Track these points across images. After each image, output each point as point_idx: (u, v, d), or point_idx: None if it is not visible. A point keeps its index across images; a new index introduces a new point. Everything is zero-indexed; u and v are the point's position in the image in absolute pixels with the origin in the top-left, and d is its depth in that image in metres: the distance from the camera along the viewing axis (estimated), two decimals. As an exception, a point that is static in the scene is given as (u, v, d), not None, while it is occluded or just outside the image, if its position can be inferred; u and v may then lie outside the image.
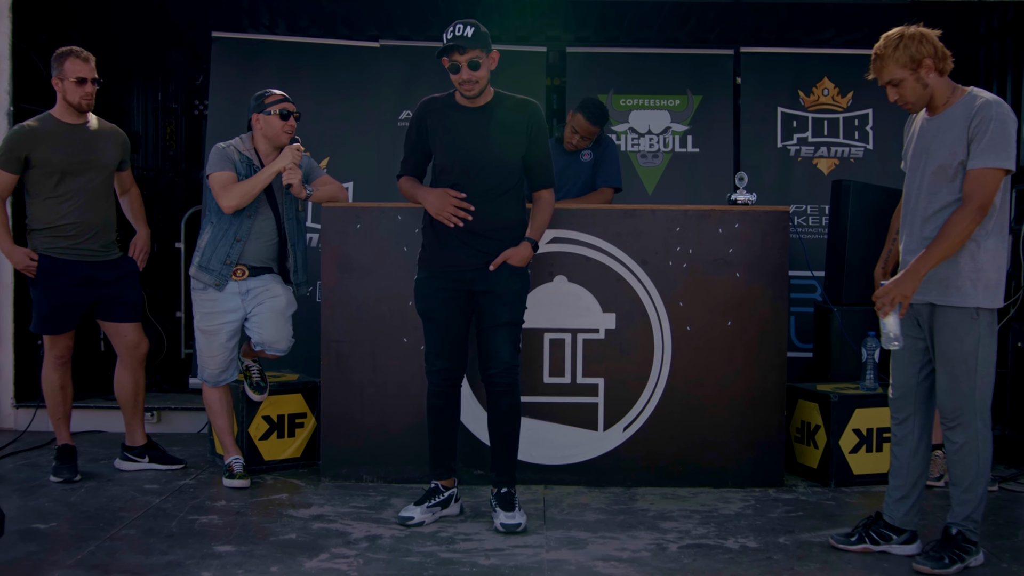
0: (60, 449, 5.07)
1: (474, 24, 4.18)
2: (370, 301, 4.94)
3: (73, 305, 4.94)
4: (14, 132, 4.89)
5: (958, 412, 3.77)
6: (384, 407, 4.96)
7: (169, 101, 8.03)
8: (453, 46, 4.13)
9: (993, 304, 3.75)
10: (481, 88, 4.24)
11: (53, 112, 4.93)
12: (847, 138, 6.81)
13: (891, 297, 3.72)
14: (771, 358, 4.94)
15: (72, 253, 4.90)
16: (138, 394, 5.20)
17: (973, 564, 3.80)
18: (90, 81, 4.89)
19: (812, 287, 6.31)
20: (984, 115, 3.66)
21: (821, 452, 5.09)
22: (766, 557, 3.94)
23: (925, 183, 3.82)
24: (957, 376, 3.75)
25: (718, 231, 4.92)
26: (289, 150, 4.79)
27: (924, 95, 3.80)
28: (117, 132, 5.15)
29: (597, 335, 4.93)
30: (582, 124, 5.47)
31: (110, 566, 3.74)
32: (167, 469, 5.22)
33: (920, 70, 3.75)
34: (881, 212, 5.37)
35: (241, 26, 7.27)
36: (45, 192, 4.86)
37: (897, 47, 3.74)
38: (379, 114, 6.73)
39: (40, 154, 4.81)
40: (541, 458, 4.95)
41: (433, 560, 3.85)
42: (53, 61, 4.90)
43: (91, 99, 4.93)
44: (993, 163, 3.63)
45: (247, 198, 4.72)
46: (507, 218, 4.32)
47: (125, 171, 5.19)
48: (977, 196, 3.65)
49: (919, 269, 3.69)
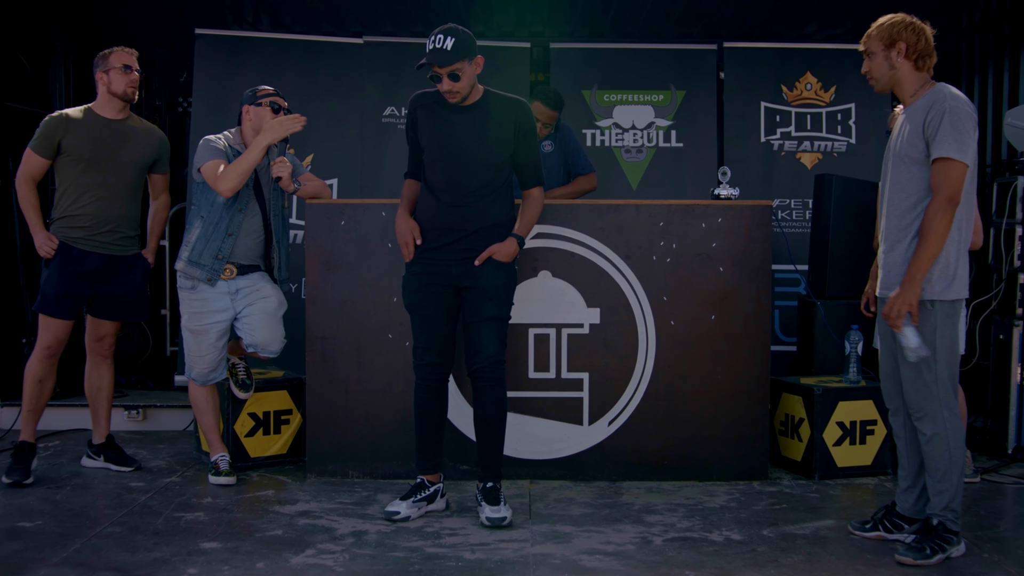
0: (18, 446, 4.96)
1: (455, 33, 4.12)
2: (355, 297, 4.95)
3: (77, 295, 4.92)
4: (51, 118, 4.92)
5: (923, 404, 3.81)
6: (369, 403, 4.97)
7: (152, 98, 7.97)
8: (432, 61, 4.12)
9: (949, 296, 3.77)
10: (464, 96, 4.23)
11: (92, 106, 4.98)
12: (830, 132, 6.84)
13: (898, 310, 3.72)
14: (755, 352, 4.96)
15: (87, 244, 4.90)
16: (102, 390, 5.16)
17: (955, 554, 3.82)
18: (135, 71, 4.95)
19: (796, 281, 6.34)
20: (939, 108, 3.70)
21: (805, 445, 5.12)
22: (750, 549, 3.96)
23: (890, 173, 3.91)
24: (918, 368, 3.78)
25: (701, 225, 4.94)
26: (275, 122, 4.70)
27: (889, 76, 3.89)
28: (154, 131, 5.17)
29: (581, 330, 4.95)
30: (541, 110, 5.50)
31: (95, 564, 3.73)
32: (117, 470, 5.13)
33: (892, 50, 3.84)
34: (864, 206, 5.42)
35: (225, 23, 7.26)
36: (69, 180, 4.90)
37: (885, 23, 3.88)
38: (363, 111, 6.73)
39: (71, 141, 4.85)
40: (526, 453, 4.97)
41: (419, 555, 3.86)
42: (98, 60, 4.97)
43: (136, 87, 4.98)
44: (949, 153, 3.66)
45: (243, 177, 4.65)
46: (494, 216, 4.32)
47: (159, 174, 5.19)
48: (943, 187, 3.68)
49: (915, 275, 3.70)
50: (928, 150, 3.73)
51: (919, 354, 3.71)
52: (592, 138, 6.85)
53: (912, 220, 3.80)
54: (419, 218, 4.38)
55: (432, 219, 4.32)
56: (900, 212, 3.85)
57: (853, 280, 5.55)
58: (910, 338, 3.71)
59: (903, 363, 3.84)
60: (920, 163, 3.77)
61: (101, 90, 4.97)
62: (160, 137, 5.18)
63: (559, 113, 5.62)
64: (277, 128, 4.70)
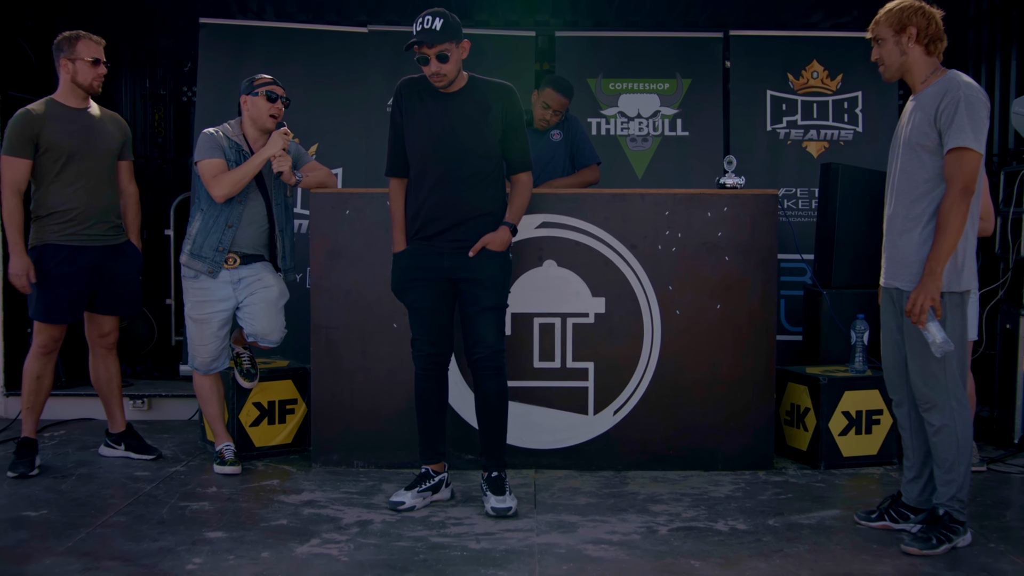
0: (20, 442, 4.97)
1: (443, 15, 4.14)
2: (360, 287, 4.94)
3: (80, 293, 4.88)
4: (19, 116, 4.78)
5: (931, 395, 3.79)
6: (374, 393, 4.97)
7: (157, 88, 7.98)
8: (421, 40, 4.11)
9: (957, 287, 3.75)
10: (451, 79, 4.21)
11: (55, 96, 4.89)
12: (836, 121, 6.81)
13: (921, 305, 3.68)
14: (760, 341, 4.95)
15: (79, 239, 4.86)
16: (111, 380, 5.18)
17: (961, 544, 3.81)
18: (102, 63, 4.89)
19: (802, 270, 6.32)
20: (953, 96, 3.67)
21: (811, 435, 5.11)
22: (756, 539, 3.95)
23: (899, 160, 3.87)
24: (927, 359, 3.76)
25: (707, 215, 4.93)
26: (278, 135, 4.79)
27: (900, 62, 3.85)
28: (117, 118, 5.14)
29: (587, 319, 4.94)
30: (553, 97, 5.50)
31: (101, 553, 3.74)
32: (138, 458, 5.16)
33: (902, 35, 3.80)
34: (871, 195, 5.39)
35: (229, 12, 7.24)
36: (50, 177, 4.80)
37: (893, 8, 3.84)
38: (368, 100, 6.71)
39: (47, 137, 4.76)
40: (532, 442, 4.97)
41: (424, 544, 3.87)
42: (61, 43, 4.84)
43: (102, 81, 4.92)
44: (965, 142, 3.63)
45: (237, 187, 4.71)
46: (486, 205, 4.29)
47: (125, 161, 5.11)
48: (959, 178, 3.65)
49: (934, 269, 3.67)
50: (941, 139, 3.70)
51: (944, 349, 3.67)
52: (598, 127, 6.82)
53: (923, 209, 3.77)
54: (409, 208, 4.36)
55: (421, 208, 4.29)
56: (910, 200, 3.81)
57: (859, 270, 5.53)
58: (935, 333, 3.67)
59: (912, 354, 3.82)
60: (932, 152, 3.74)
61: (64, 79, 4.86)
62: (124, 124, 5.16)
63: (569, 101, 5.61)
64: (279, 141, 4.77)
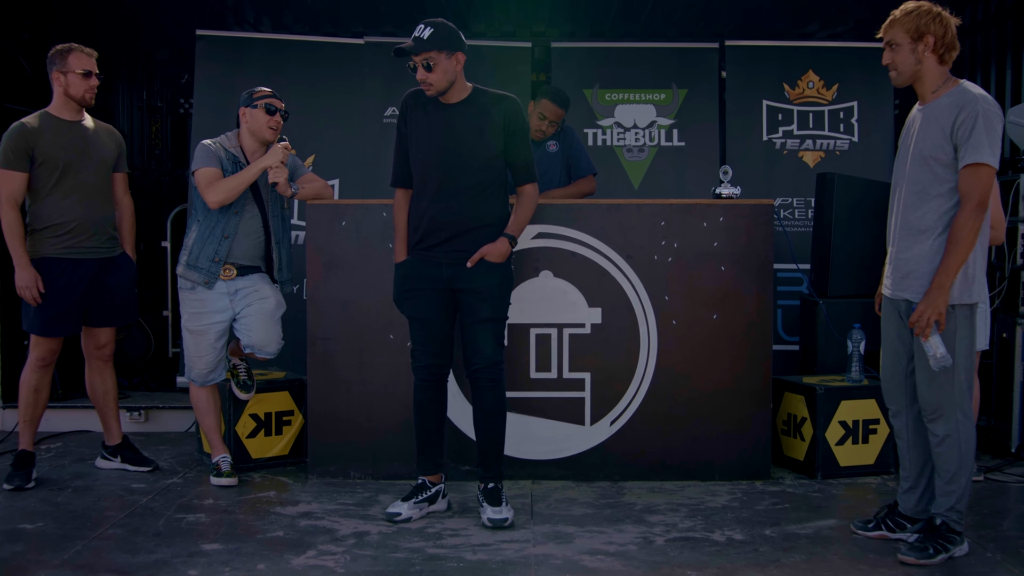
0: (17, 454, 4.95)
1: (436, 25, 4.16)
2: (356, 298, 4.94)
3: (76, 306, 4.87)
4: (14, 129, 4.77)
5: (938, 406, 3.78)
6: (371, 404, 4.96)
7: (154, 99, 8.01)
8: (408, 48, 4.14)
9: (968, 300, 3.75)
10: (439, 89, 4.20)
11: (50, 109, 4.89)
12: (832, 131, 6.83)
13: (927, 318, 3.68)
14: (757, 351, 4.95)
15: (76, 252, 4.85)
16: (108, 393, 5.17)
17: (958, 554, 3.81)
18: (94, 75, 4.89)
19: (798, 280, 6.33)
20: (971, 110, 3.64)
21: (807, 444, 5.11)
22: (752, 549, 3.95)
23: (907, 171, 3.84)
24: (935, 370, 3.76)
25: (703, 225, 4.93)
26: (278, 148, 4.79)
27: (914, 70, 3.81)
28: (112, 130, 5.14)
29: (583, 330, 4.94)
30: (549, 108, 5.52)
31: (96, 565, 3.73)
32: (135, 470, 5.15)
33: (919, 43, 3.76)
34: (866, 205, 5.41)
35: (226, 24, 7.26)
36: (46, 190, 4.80)
37: (910, 13, 3.79)
38: (364, 111, 6.73)
39: (43, 149, 4.76)
40: (528, 453, 4.96)
41: (420, 556, 3.86)
42: (54, 56, 4.85)
43: (94, 93, 4.91)
44: (983, 158, 3.61)
45: (233, 194, 4.71)
46: (487, 216, 4.30)
47: (121, 172, 5.11)
48: (975, 193, 3.64)
49: (943, 283, 3.67)
50: (956, 152, 3.67)
51: (942, 364, 3.68)
52: (594, 137, 6.84)
53: (935, 221, 3.74)
54: (411, 218, 4.36)
55: (423, 219, 4.29)
56: (920, 213, 3.79)
57: (855, 279, 5.54)
58: (937, 347, 3.67)
59: (920, 363, 3.81)
60: (946, 165, 3.71)
61: (57, 91, 4.87)
62: (118, 134, 5.17)
63: (566, 112, 5.62)
64: (278, 153, 4.77)
